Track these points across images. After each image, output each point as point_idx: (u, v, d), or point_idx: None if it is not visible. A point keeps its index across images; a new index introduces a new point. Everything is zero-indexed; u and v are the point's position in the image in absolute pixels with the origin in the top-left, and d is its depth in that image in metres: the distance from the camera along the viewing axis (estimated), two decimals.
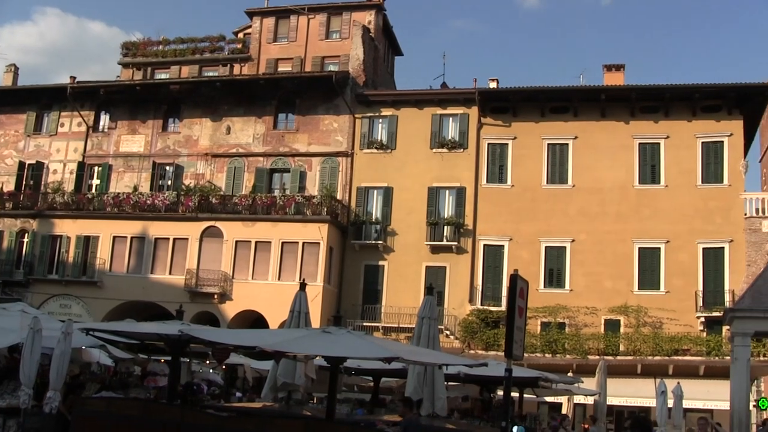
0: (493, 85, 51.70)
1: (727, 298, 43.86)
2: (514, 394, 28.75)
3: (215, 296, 47.51)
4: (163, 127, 53.97)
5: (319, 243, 46.84)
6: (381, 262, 48.56)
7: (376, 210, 49.56)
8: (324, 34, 54.45)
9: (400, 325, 45.61)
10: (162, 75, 57.58)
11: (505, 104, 49.47)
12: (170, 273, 48.65)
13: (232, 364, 32.71)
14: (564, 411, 38.12)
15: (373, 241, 48.62)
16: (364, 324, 46.17)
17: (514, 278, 14.45)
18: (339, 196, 49.24)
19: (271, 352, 15.04)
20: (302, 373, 19.22)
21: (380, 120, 50.75)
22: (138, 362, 30.15)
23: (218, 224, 48.59)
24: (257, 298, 46.55)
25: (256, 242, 47.88)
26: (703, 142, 47.12)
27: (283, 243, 47.49)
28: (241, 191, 50.43)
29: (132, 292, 48.36)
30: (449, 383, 24.46)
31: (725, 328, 37.61)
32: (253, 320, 46.64)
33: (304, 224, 47.30)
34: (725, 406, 28.76)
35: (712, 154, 47.01)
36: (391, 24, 57.67)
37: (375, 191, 49.75)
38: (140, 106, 54.21)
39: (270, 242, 47.64)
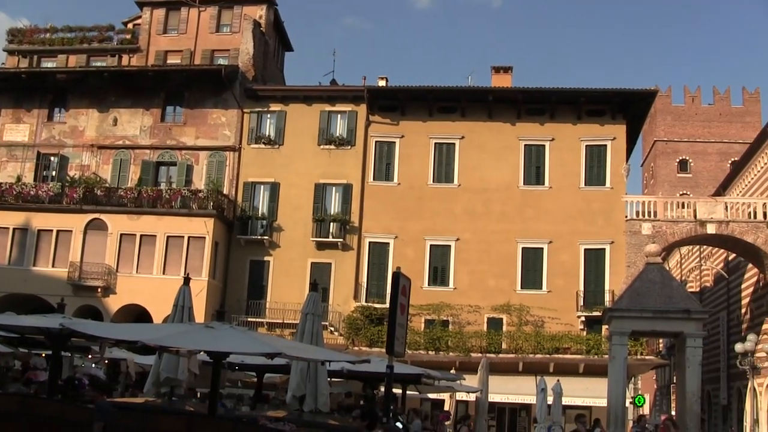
0: (382, 83, 52.07)
1: (607, 298, 44.81)
2: (397, 391, 28.98)
3: (99, 290, 46.78)
4: (48, 117, 52.92)
5: (204, 237, 46.53)
6: (267, 258, 48.40)
7: (262, 205, 49.34)
8: (215, 27, 53.95)
9: (285, 321, 45.50)
10: (49, 63, 56.37)
11: (394, 103, 49.70)
12: (53, 265, 47.77)
13: (114, 359, 32.33)
14: (446, 408, 38.54)
15: (259, 237, 48.43)
16: (249, 319, 46.03)
17: (397, 276, 14.62)
18: (225, 191, 48.93)
19: (153, 346, 14.98)
20: (185, 368, 19.14)
21: (269, 115, 50.56)
22: (18, 356, 29.60)
23: (103, 217, 47.84)
24: (141, 292, 45.99)
25: (141, 236, 47.27)
26: (587, 146, 48.05)
27: (168, 237, 47.02)
28: (126, 184, 49.70)
29: (13, 284, 47.28)
30: (332, 379, 24.53)
31: (604, 327, 38.37)
32: (137, 314, 46.10)
33: (189, 218, 46.90)
34: (603, 402, 29.34)
35: (596, 157, 47.96)
36: (282, 19, 57.49)
37: (262, 186, 49.51)
38: (25, 95, 53.05)
39: (155, 236, 47.10)
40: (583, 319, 45.68)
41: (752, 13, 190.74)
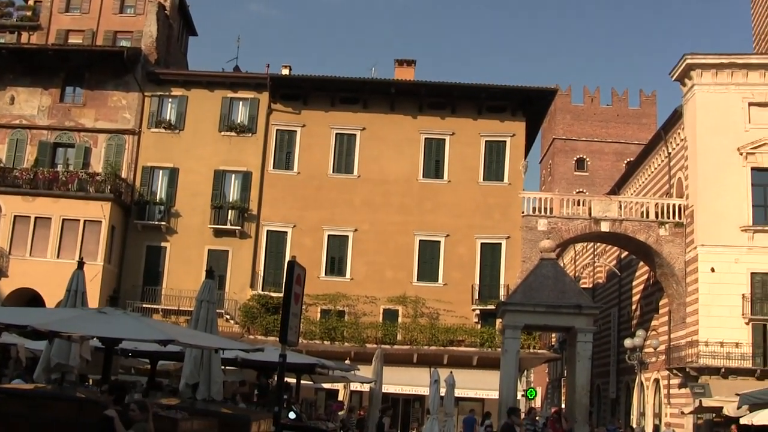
0: (285, 72, 51.98)
1: (502, 292, 45.39)
2: (292, 380, 29.07)
3: None
4: None
5: (101, 221, 45.94)
6: (164, 244, 47.98)
7: (161, 191, 48.86)
8: (118, 8, 53.07)
9: (181, 308, 45.13)
10: None
11: (296, 92, 49.64)
12: None
13: (4, 344, 31.83)
14: (340, 398, 38.71)
15: (157, 222, 47.95)
16: (144, 306, 45.61)
17: (291, 265, 14.63)
18: (124, 175, 48.35)
19: (44, 331, 14.78)
20: (77, 354, 18.91)
21: (170, 100, 50.07)
22: None
23: None
24: (35, 276, 45.10)
25: (36, 218, 46.43)
26: (486, 141, 48.59)
27: (63, 220, 46.25)
28: (22, 164, 48.70)
29: None
30: (227, 368, 24.50)
31: (498, 320, 38.84)
32: (30, 299, 45.23)
33: (86, 202, 46.22)
34: (495, 395, 29.75)
35: (495, 152, 48.52)
36: (187, 3, 57.03)
37: (161, 171, 49.05)
38: None
39: (50, 218, 46.28)
40: (477, 312, 46.21)
41: (652, 19, 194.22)
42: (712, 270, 45.03)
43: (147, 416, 12.54)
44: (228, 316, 45.84)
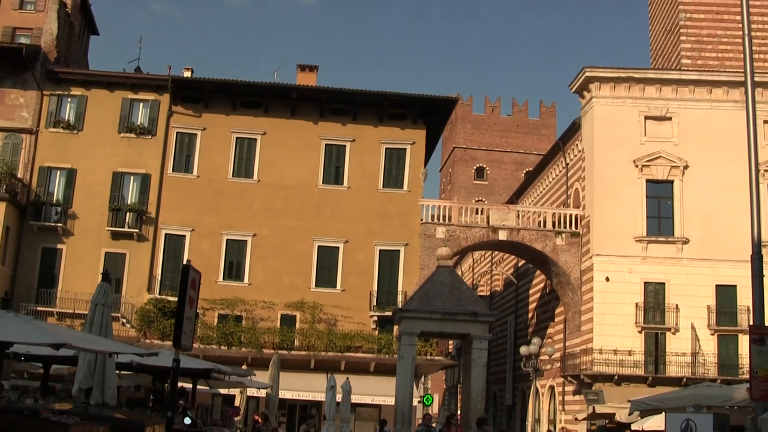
0: (187, 74, 51.52)
1: (400, 298, 45.60)
2: (188, 385, 28.85)
3: None
4: None
5: None
6: (60, 246, 47.18)
7: (58, 191, 48.02)
8: (18, 4, 51.90)
9: (77, 311, 44.36)
10: None
11: (198, 94, 49.29)
12: None
13: None
14: (237, 403, 38.50)
15: (53, 224, 47.11)
16: (39, 308, 44.81)
17: (186, 269, 14.61)
18: (20, 175, 47.41)
19: None
20: None
21: (69, 99, 49.23)
22: None
23: None
24: None
25: None
26: (387, 148, 48.85)
27: None
28: None
29: None
30: (122, 372, 24.26)
31: (395, 327, 39.03)
32: None
33: None
34: (392, 401, 29.91)
35: (395, 160, 48.80)
36: (89, 1, 56.26)
37: (58, 172, 48.23)
38: None
39: None
40: (375, 318, 46.40)
41: (555, 31, 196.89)
42: (607, 279, 45.90)
43: None
44: (124, 320, 45.31)
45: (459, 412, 49.66)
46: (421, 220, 47.91)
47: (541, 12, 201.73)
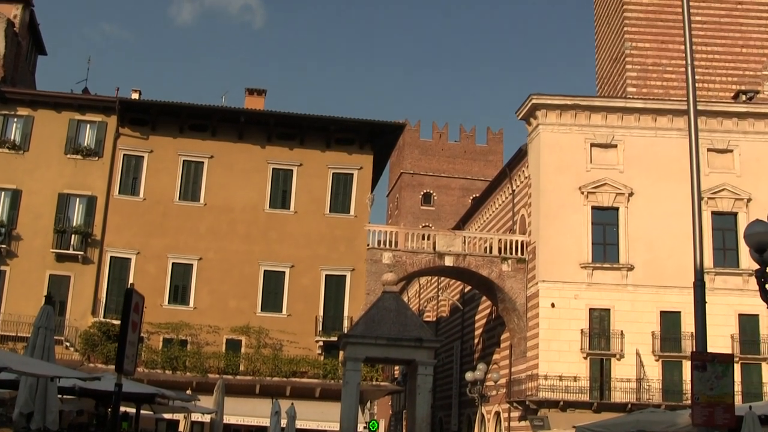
0: (135, 96, 51.21)
1: (346, 323, 45.53)
2: (131, 410, 28.58)
3: None
4: None
5: None
6: (3, 267, 46.49)
7: (2, 212, 47.36)
8: None
9: (19, 334, 43.69)
10: None
11: (145, 117, 49.01)
12: None
13: None
14: (181, 428, 38.22)
15: None
16: None
17: (129, 293, 14.49)
18: None
19: None
20: None
21: (15, 119, 48.69)
22: None
23: None
24: None
25: None
26: (334, 173, 48.87)
27: None
28: None
29: None
30: (64, 396, 23.96)
31: (341, 352, 38.94)
32: None
33: None
34: (337, 427, 29.77)
35: (342, 185, 48.82)
36: (38, 21, 55.84)
37: (2, 193, 47.58)
38: None
39: None
40: (321, 343, 46.27)
41: (502, 59, 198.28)
42: (552, 305, 46.11)
43: None
44: (68, 344, 44.76)
45: None
46: (368, 245, 47.95)
47: (489, 38, 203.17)
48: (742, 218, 45.78)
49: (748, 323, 45.29)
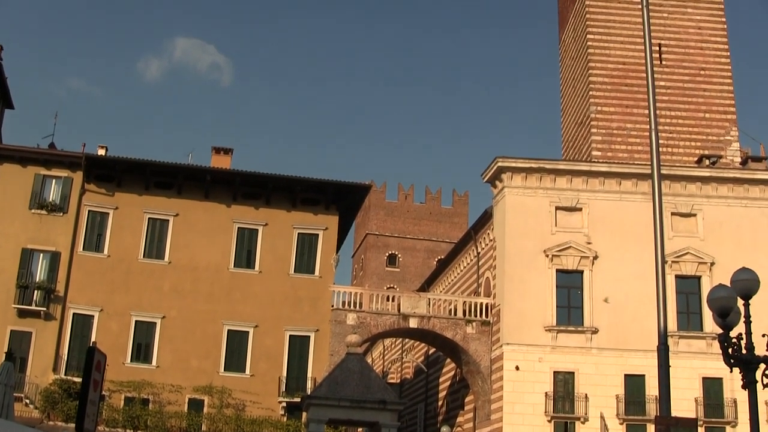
0: (101, 151, 51.04)
1: (309, 384, 45.26)
2: None
3: None
4: None
5: None
6: None
7: None
8: None
9: None
10: None
11: (111, 173, 48.89)
12: None
13: None
14: None
15: None
16: None
17: (92, 350, 14.36)
18: None
19: None
20: None
21: None
22: None
23: None
24: None
25: None
26: (299, 233, 48.88)
27: None
28: None
29: None
30: None
31: (304, 413, 38.71)
32: None
33: None
34: None
35: (307, 245, 48.79)
36: (5, 75, 55.65)
37: None
38: None
39: None
40: (284, 404, 45.93)
41: (469, 121, 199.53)
42: (517, 368, 46.02)
43: None
44: (28, 401, 44.17)
45: None
46: (332, 306, 47.86)
47: (456, 101, 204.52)
48: (706, 282, 46.01)
49: (712, 387, 45.34)
